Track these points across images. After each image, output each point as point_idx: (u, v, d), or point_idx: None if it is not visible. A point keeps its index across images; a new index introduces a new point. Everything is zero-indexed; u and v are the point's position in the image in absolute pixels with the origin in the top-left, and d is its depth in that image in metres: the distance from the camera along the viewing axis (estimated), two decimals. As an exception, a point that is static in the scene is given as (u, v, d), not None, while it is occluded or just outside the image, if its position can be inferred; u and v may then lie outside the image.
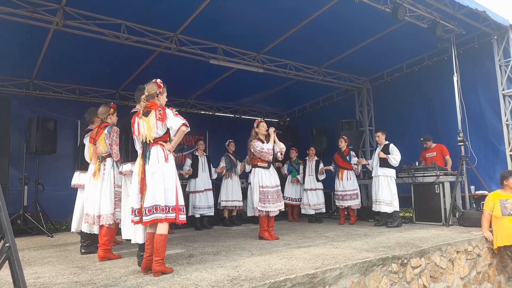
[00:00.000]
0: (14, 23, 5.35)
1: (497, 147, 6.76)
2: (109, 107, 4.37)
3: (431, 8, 6.06)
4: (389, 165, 6.32)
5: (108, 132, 4.13)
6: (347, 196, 7.03)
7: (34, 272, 3.40)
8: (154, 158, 3.21)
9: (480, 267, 4.75)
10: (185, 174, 6.96)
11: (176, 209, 3.16)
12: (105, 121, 4.34)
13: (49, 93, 8.08)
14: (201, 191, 6.96)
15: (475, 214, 5.78)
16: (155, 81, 3.41)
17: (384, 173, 6.35)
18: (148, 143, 3.27)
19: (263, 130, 5.26)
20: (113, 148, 4.06)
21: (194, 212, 6.86)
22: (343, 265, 3.21)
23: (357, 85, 9.39)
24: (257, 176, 5.18)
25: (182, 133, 3.22)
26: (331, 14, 6.05)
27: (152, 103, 3.34)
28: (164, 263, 3.11)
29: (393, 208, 6.24)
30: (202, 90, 9.24)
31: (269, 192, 5.12)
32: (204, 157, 7.17)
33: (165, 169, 3.20)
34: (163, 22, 6.09)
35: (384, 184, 6.33)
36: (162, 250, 3.10)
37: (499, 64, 6.70)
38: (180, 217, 3.18)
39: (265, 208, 5.09)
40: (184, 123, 3.20)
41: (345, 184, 7.08)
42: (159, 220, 3.11)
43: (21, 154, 7.04)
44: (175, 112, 3.27)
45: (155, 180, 3.16)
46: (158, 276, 3.01)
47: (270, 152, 5.15)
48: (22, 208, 6.59)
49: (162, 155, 3.23)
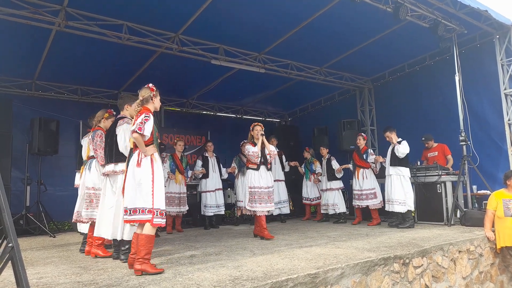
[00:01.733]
0: (16, 24, 5.38)
1: (499, 146, 6.74)
2: (105, 112, 4.50)
3: (433, 8, 6.05)
4: (401, 163, 6.10)
5: (91, 137, 4.37)
6: (363, 196, 6.83)
7: (37, 272, 3.42)
8: (131, 162, 3.36)
9: (482, 266, 4.75)
10: (198, 174, 7.19)
11: (152, 212, 3.23)
12: (98, 125, 4.47)
13: (51, 94, 8.10)
14: (212, 190, 7.13)
15: (477, 213, 5.76)
16: (147, 86, 3.51)
17: (396, 172, 6.15)
18: (132, 148, 3.45)
19: (256, 133, 5.41)
20: (97, 152, 4.25)
21: (205, 211, 7.05)
22: (345, 265, 3.21)
23: (358, 85, 9.38)
24: (247, 177, 5.41)
25: (135, 139, 3.29)
26: (332, 14, 6.05)
27: (145, 107, 3.42)
28: (145, 262, 3.16)
29: (407, 207, 6.03)
30: (204, 90, 9.25)
31: (256, 192, 5.29)
32: (213, 158, 7.31)
33: (137, 173, 3.28)
34: (164, 22, 6.10)
35: (396, 183, 6.13)
36: (143, 249, 3.16)
37: (501, 64, 6.68)
38: (155, 220, 3.22)
39: (252, 208, 5.26)
40: (134, 130, 3.24)
41: (361, 183, 6.88)
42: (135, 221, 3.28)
43: (24, 154, 7.07)
44: (144, 118, 3.29)
45: (129, 183, 3.31)
46: (139, 274, 3.10)
47: (255, 155, 5.32)
48: (24, 208, 6.62)
49: (136, 159, 3.32)
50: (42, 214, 6.62)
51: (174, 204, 6.59)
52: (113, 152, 3.87)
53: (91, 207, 4.29)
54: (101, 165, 4.19)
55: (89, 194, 4.36)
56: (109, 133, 4.01)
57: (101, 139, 4.24)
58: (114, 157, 3.85)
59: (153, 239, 3.31)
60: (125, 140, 3.73)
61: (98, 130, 4.36)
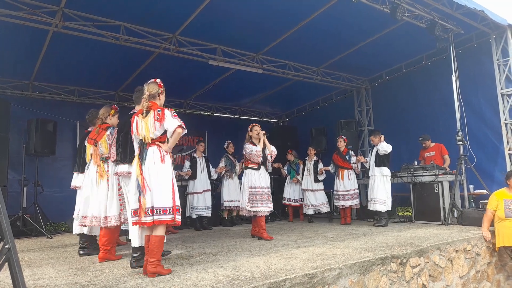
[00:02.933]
0: (14, 25, 5.36)
1: (496, 146, 6.77)
2: (110, 108, 4.36)
3: (430, 8, 6.07)
4: (384, 164, 6.39)
5: (110, 133, 4.12)
6: (348, 196, 7.00)
7: (34, 273, 3.40)
8: (150, 159, 3.20)
9: (479, 266, 4.76)
10: (184, 175, 7.02)
11: (173, 210, 3.15)
12: (104, 121, 4.31)
13: (48, 95, 8.08)
14: (199, 192, 7.00)
15: (474, 213, 5.78)
16: (155, 81, 3.41)
17: (381, 172, 6.41)
18: (146, 144, 3.27)
19: (255, 134, 5.38)
20: (111, 148, 4.04)
21: (192, 212, 6.92)
22: (343, 265, 3.22)
23: (356, 85, 9.40)
24: (247, 177, 5.33)
25: (178, 135, 3.21)
26: (329, 14, 6.07)
27: (153, 103, 3.34)
28: (160, 265, 3.09)
29: (387, 207, 6.35)
30: (201, 91, 9.25)
31: (257, 192, 5.24)
32: (202, 158, 7.19)
33: (161, 170, 3.18)
34: (162, 23, 6.09)
35: (379, 183, 6.40)
36: (157, 252, 3.08)
37: (497, 64, 6.71)
38: (177, 218, 3.18)
39: (253, 208, 5.20)
40: (180, 125, 3.19)
41: (346, 184, 7.03)
42: (158, 222, 3.11)
43: (21, 155, 7.03)
44: (173, 114, 3.26)
45: (151, 181, 3.16)
46: (153, 277, 3.00)
47: (258, 154, 5.28)
48: (21, 209, 6.58)
49: (158, 156, 3.21)
50: (39, 216, 6.58)
51: None
52: (127, 151, 3.63)
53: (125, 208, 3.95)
54: (112, 162, 4.02)
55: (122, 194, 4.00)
56: (122, 130, 3.75)
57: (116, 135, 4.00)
58: (129, 157, 3.59)
59: (164, 239, 3.23)
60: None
61: (114, 127, 4.17)
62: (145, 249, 3.24)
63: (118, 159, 3.77)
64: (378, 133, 6.56)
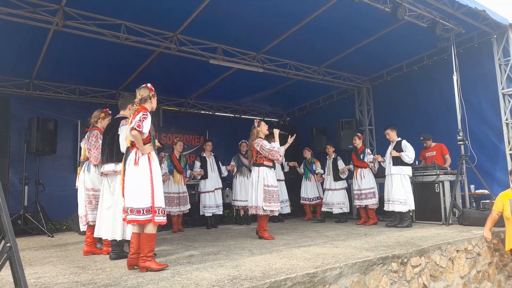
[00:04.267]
0: (14, 23, 5.36)
1: (497, 146, 6.76)
2: (101, 111, 4.51)
3: (431, 7, 6.06)
4: (403, 163, 6.09)
5: (87, 136, 4.39)
6: (362, 195, 6.85)
7: (35, 272, 3.41)
8: (128, 161, 3.37)
9: (480, 266, 4.76)
10: (196, 175, 7.16)
11: (152, 211, 3.26)
12: (95, 125, 4.48)
13: (49, 93, 8.08)
14: (211, 191, 7.11)
15: (475, 213, 5.78)
16: (146, 85, 3.55)
17: (398, 171, 6.12)
18: (128, 147, 3.43)
19: (265, 129, 5.28)
20: (91, 152, 4.27)
21: (204, 211, 7.04)
22: (343, 264, 3.22)
23: (356, 85, 9.39)
24: (262, 175, 5.16)
25: (134, 137, 3.30)
26: (330, 14, 6.05)
27: (142, 106, 3.44)
28: (149, 260, 3.22)
29: (408, 206, 6.04)
30: (202, 90, 9.24)
31: (273, 191, 5.15)
32: (212, 157, 7.30)
33: (135, 172, 3.30)
34: (163, 22, 6.09)
35: (397, 183, 6.11)
36: (146, 247, 3.23)
37: (498, 63, 6.70)
38: (156, 219, 3.27)
39: (270, 207, 5.08)
40: (133, 127, 3.25)
41: (359, 183, 6.90)
42: (135, 221, 3.28)
43: (22, 154, 7.05)
44: (142, 116, 3.31)
45: (128, 182, 3.32)
46: (144, 271, 3.18)
47: (279, 152, 5.17)
48: (22, 208, 6.60)
49: (133, 158, 3.33)
50: (40, 214, 6.60)
51: (174, 204, 6.60)
52: (113, 151, 3.86)
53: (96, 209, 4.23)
54: (94, 165, 4.27)
55: (89, 196, 4.35)
56: (109, 132, 3.99)
57: (96, 139, 4.28)
58: (115, 156, 3.84)
59: (155, 237, 3.37)
60: None
61: (95, 130, 4.38)
62: (131, 245, 3.40)
63: (104, 159, 3.98)
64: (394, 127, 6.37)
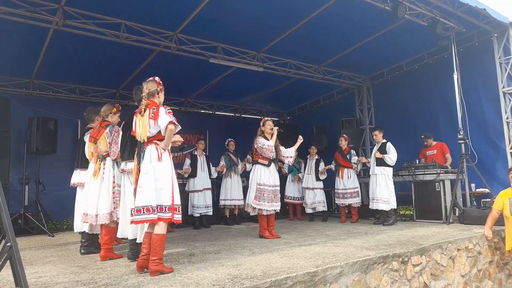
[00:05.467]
0: (14, 23, 5.34)
1: (498, 144, 6.75)
2: (113, 106, 4.36)
3: (431, 6, 6.05)
4: (386, 163, 6.37)
5: (109, 131, 4.12)
6: (347, 194, 7.10)
7: (36, 271, 3.41)
8: (147, 158, 3.21)
9: (480, 264, 4.76)
10: (183, 173, 7.00)
11: (172, 209, 3.15)
12: (105, 119, 4.31)
13: (49, 93, 8.07)
14: (200, 190, 6.99)
15: (475, 211, 5.78)
16: (154, 79, 3.42)
17: (381, 171, 6.40)
18: (143, 143, 3.29)
19: (268, 129, 5.30)
20: (112, 147, 4.04)
21: (193, 211, 6.93)
22: (344, 263, 3.22)
23: (357, 84, 9.38)
24: (256, 173, 5.21)
25: (170, 131, 3.19)
26: (330, 12, 6.04)
27: (151, 101, 3.34)
28: (161, 263, 3.10)
29: (391, 206, 6.31)
30: (202, 89, 9.23)
31: (265, 190, 5.14)
32: (203, 157, 7.20)
33: (158, 169, 3.18)
34: (162, 21, 6.08)
35: (381, 182, 6.38)
36: (159, 250, 3.08)
37: (499, 62, 6.69)
38: (175, 217, 3.17)
39: (259, 206, 5.09)
40: (172, 121, 3.17)
41: (345, 183, 7.14)
42: (149, 221, 3.11)
43: (22, 154, 7.05)
44: (168, 111, 3.24)
45: (147, 180, 3.16)
46: (155, 275, 3.00)
47: (270, 149, 5.18)
48: (23, 207, 6.60)
49: (155, 154, 3.21)
50: (41, 214, 6.59)
51: None
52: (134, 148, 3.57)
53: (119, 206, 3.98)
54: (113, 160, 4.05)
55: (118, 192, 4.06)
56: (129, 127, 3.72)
57: (118, 134, 4.05)
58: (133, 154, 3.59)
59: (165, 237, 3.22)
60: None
61: (114, 125, 4.18)
62: (141, 245, 3.25)
63: (126, 157, 3.80)
64: (381, 129, 6.59)
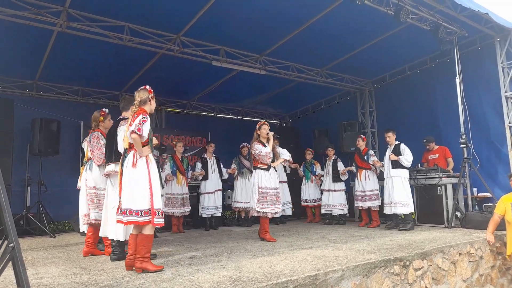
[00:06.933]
0: (18, 25, 5.39)
1: (500, 149, 6.73)
2: (99, 114, 4.55)
3: (434, 10, 6.06)
4: (401, 165, 6.14)
5: (89, 138, 4.46)
6: (366, 197, 6.85)
7: (37, 272, 3.42)
8: (125, 163, 3.38)
9: (482, 269, 4.74)
10: (198, 176, 7.18)
11: (151, 213, 3.28)
12: (97, 127, 4.53)
13: (52, 95, 8.11)
14: (211, 192, 7.13)
15: (477, 216, 5.76)
16: (145, 87, 3.57)
17: (398, 173, 6.16)
18: (126, 149, 3.46)
19: (264, 133, 5.29)
20: (94, 153, 4.32)
21: (202, 212, 7.05)
22: (345, 267, 3.21)
23: (359, 87, 9.39)
24: (257, 177, 5.24)
25: (133, 140, 3.31)
26: (333, 16, 6.06)
27: (141, 108, 3.46)
28: (146, 261, 3.24)
29: (410, 209, 6.08)
30: (205, 92, 9.26)
31: (267, 193, 5.18)
32: (213, 159, 7.33)
33: (132, 174, 3.32)
34: (166, 24, 6.11)
35: (399, 185, 6.11)
36: (142, 249, 3.25)
37: (501, 66, 6.68)
38: (155, 220, 3.30)
39: (263, 209, 5.13)
40: (133, 131, 3.28)
41: (364, 184, 6.90)
42: (133, 223, 3.30)
43: (24, 155, 7.07)
44: (142, 119, 3.34)
45: (126, 184, 3.34)
46: (140, 272, 3.20)
47: (268, 156, 5.21)
48: (25, 209, 6.62)
49: (131, 160, 3.35)
50: (43, 215, 6.62)
51: (178, 205, 6.64)
52: (112, 151, 3.91)
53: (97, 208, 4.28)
54: (97, 165, 4.32)
55: (90, 194, 4.37)
56: (110, 133, 4.05)
57: (98, 140, 4.34)
58: (114, 156, 3.89)
59: (152, 238, 3.39)
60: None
61: (96, 131, 4.44)
62: (129, 246, 3.42)
63: (106, 159, 4.05)
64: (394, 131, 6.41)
